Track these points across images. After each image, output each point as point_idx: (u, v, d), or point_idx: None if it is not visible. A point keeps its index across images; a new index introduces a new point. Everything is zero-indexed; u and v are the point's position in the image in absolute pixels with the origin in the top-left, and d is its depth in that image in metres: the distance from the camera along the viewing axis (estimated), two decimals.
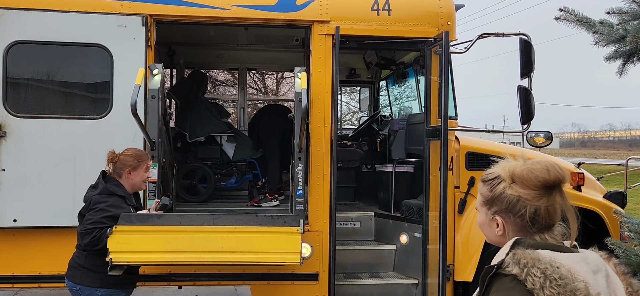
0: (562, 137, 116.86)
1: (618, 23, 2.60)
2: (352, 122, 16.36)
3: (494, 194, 1.50)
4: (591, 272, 1.32)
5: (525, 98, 4.66)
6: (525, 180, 1.43)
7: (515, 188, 1.45)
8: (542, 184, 1.42)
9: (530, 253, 1.32)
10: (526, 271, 1.29)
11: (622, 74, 2.83)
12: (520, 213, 1.44)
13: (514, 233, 1.47)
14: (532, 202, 1.43)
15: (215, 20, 4.74)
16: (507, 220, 1.48)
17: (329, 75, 4.74)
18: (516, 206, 1.45)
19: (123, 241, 3.20)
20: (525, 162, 1.47)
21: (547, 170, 1.42)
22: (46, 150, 4.38)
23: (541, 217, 1.43)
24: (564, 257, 1.33)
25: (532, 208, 1.43)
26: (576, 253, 1.39)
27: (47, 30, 4.41)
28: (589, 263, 1.35)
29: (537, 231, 1.44)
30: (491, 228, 1.53)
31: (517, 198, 1.44)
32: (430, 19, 4.85)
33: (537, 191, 1.43)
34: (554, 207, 1.44)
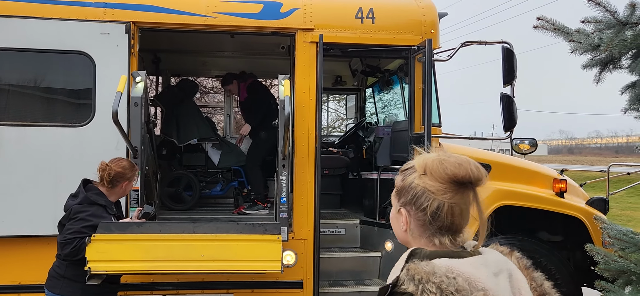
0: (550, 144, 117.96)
1: (593, 32, 2.64)
2: (341, 129, 16.37)
3: (404, 184, 1.41)
4: (492, 275, 1.24)
5: (507, 106, 4.70)
6: (434, 171, 1.34)
7: (424, 180, 1.35)
8: (450, 178, 1.32)
9: (424, 267, 1.22)
10: (421, 288, 1.18)
11: (599, 82, 2.87)
12: (423, 207, 1.35)
13: (416, 229, 1.38)
14: (437, 195, 1.33)
15: (199, 28, 4.73)
16: (411, 213, 1.38)
17: (313, 82, 4.75)
18: (421, 198, 1.35)
19: (101, 250, 3.17)
20: (442, 154, 1.37)
21: (458, 164, 1.33)
22: (27, 158, 4.34)
23: (443, 215, 1.33)
24: (462, 264, 1.24)
25: (435, 203, 1.33)
26: (476, 256, 1.30)
27: (29, 38, 4.37)
28: (489, 266, 1.27)
29: (438, 231, 1.35)
30: (398, 222, 1.44)
31: (423, 190, 1.35)
32: (413, 27, 4.88)
33: (443, 185, 1.33)
34: (459, 207, 1.33)
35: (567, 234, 5.28)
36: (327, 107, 13.44)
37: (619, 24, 2.48)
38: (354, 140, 7.20)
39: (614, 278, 3.10)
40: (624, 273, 3.01)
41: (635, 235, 3.14)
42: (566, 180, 5.25)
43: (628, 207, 17.31)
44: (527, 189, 5.12)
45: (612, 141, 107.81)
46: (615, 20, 2.49)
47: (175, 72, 7.72)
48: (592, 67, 2.80)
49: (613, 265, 2.98)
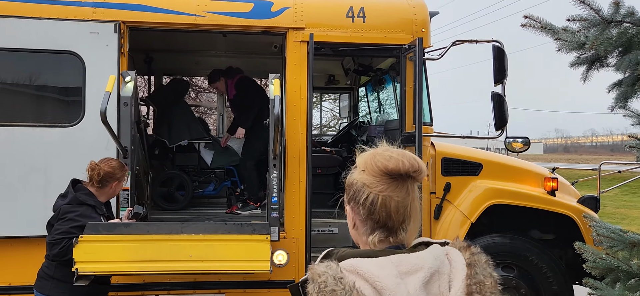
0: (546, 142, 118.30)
1: (579, 30, 2.64)
2: (335, 128, 16.37)
3: (348, 181, 1.43)
4: (397, 275, 1.23)
5: (498, 104, 4.71)
6: (368, 165, 1.36)
7: (362, 175, 1.37)
8: (381, 171, 1.33)
9: (319, 269, 1.23)
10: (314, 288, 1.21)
11: (585, 80, 2.87)
12: (361, 201, 1.35)
13: (360, 226, 1.39)
14: (371, 188, 1.34)
15: (189, 27, 4.71)
16: (354, 210, 1.39)
17: (304, 81, 4.74)
18: (359, 192, 1.36)
19: (89, 251, 3.15)
20: (377, 150, 1.38)
21: (389, 158, 1.33)
22: (16, 159, 4.32)
23: (377, 209, 1.33)
24: (368, 263, 1.25)
25: (370, 197, 1.34)
26: (392, 255, 1.28)
27: (17, 37, 4.35)
28: (399, 265, 1.25)
29: (374, 227, 1.35)
30: (348, 219, 1.44)
31: (362, 184, 1.36)
32: (404, 26, 4.88)
33: (375, 177, 1.34)
34: (393, 200, 1.33)
35: (559, 232, 5.29)
36: (320, 106, 13.44)
37: (604, 22, 2.48)
38: (347, 139, 7.20)
39: (602, 275, 3.10)
40: (612, 270, 3.01)
41: (623, 233, 3.15)
42: (557, 179, 5.26)
43: (623, 204, 17.39)
44: (518, 188, 5.13)
45: (608, 139, 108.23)
46: (600, 18, 2.50)
47: (167, 71, 7.70)
48: (579, 65, 2.80)
49: (601, 263, 2.99)
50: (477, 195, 4.98)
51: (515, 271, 4.95)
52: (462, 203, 4.98)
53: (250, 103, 6.09)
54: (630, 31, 2.46)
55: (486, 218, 5.08)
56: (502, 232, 5.04)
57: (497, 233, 4.99)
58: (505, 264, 4.96)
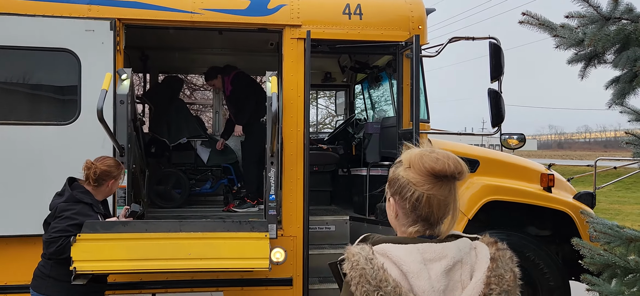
0: (540, 139, 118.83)
1: (577, 26, 2.65)
2: (331, 125, 16.38)
3: (393, 176, 1.54)
4: (421, 261, 1.37)
5: (495, 101, 4.72)
6: (415, 165, 1.47)
7: (408, 172, 1.48)
8: (428, 171, 1.44)
9: (354, 250, 1.40)
10: (348, 266, 1.38)
11: (583, 77, 2.88)
12: (406, 197, 1.47)
13: (402, 217, 1.51)
14: (417, 187, 1.45)
15: (185, 25, 4.70)
16: (398, 203, 1.51)
17: (301, 79, 4.74)
18: (405, 189, 1.48)
19: (87, 249, 3.14)
20: (424, 149, 1.50)
21: (436, 159, 1.45)
22: (12, 157, 4.28)
23: (422, 205, 1.45)
24: (398, 248, 1.40)
25: (415, 194, 1.45)
26: (421, 243, 1.42)
27: (12, 35, 4.31)
28: (425, 253, 1.39)
29: (417, 220, 1.47)
30: (389, 209, 1.57)
31: (407, 181, 1.47)
32: (401, 23, 4.88)
33: (422, 177, 1.45)
34: (438, 199, 1.45)
35: (555, 228, 5.32)
36: (316, 104, 13.44)
37: (602, 18, 2.49)
38: (344, 137, 7.19)
39: (600, 271, 3.12)
40: (609, 266, 3.03)
41: (620, 229, 3.16)
42: (554, 175, 5.28)
43: (616, 200, 17.51)
44: (515, 184, 5.14)
45: (601, 136, 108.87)
46: (598, 15, 2.51)
47: (163, 69, 7.67)
48: (577, 62, 2.81)
49: (598, 259, 3.00)
50: (474, 191, 5.00)
51: None
52: (459, 200, 4.98)
53: (245, 98, 6.06)
54: (628, 28, 2.47)
55: (483, 215, 5.10)
56: (498, 229, 5.05)
57: (494, 230, 5.01)
58: None
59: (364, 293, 1.33)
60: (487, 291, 1.38)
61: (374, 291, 1.32)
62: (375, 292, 1.32)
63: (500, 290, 1.38)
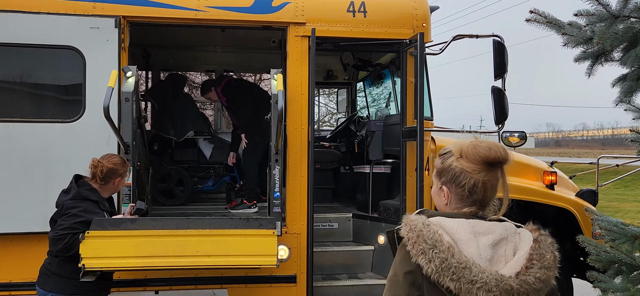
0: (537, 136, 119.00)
1: (586, 25, 2.66)
2: (331, 123, 16.38)
3: (444, 166, 1.69)
4: (471, 233, 1.55)
5: (498, 99, 4.73)
6: (469, 155, 1.63)
7: (461, 162, 1.64)
8: (483, 160, 1.60)
9: (412, 217, 1.59)
10: (405, 231, 1.57)
11: (590, 75, 2.89)
12: (462, 184, 1.63)
13: (455, 203, 1.67)
14: (473, 174, 1.61)
15: (190, 22, 4.69)
16: (451, 190, 1.66)
17: (306, 76, 4.74)
18: (459, 177, 1.63)
19: (96, 246, 3.14)
20: (474, 141, 1.66)
21: (489, 148, 1.61)
22: (17, 155, 4.28)
23: (478, 190, 1.62)
24: (450, 221, 1.58)
25: (471, 181, 1.62)
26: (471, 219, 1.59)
27: (17, 32, 4.30)
28: (475, 227, 1.57)
29: (472, 204, 1.64)
30: (440, 197, 1.72)
31: (461, 170, 1.63)
32: (405, 21, 4.89)
33: (478, 165, 1.61)
34: (491, 183, 1.63)
35: (558, 226, 5.34)
36: (318, 102, 13.45)
37: (611, 17, 2.50)
38: (346, 134, 7.21)
39: (605, 268, 3.13)
40: (615, 263, 3.04)
41: (625, 226, 3.18)
42: (556, 173, 5.30)
43: (615, 198, 17.56)
44: (517, 181, 5.16)
45: (598, 133, 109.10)
46: (607, 13, 2.52)
47: (165, 67, 7.67)
48: (584, 59, 2.82)
49: (604, 256, 3.01)
50: None
51: None
52: None
53: (242, 105, 6.00)
54: (636, 26, 2.47)
55: None
56: None
57: None
58: None
59: (420, 250, 1.50)
60: (529, 264, 1.53)
61: (430, 249, 1.49)
62: (430, 250, 1.49)
63: (541, 265, 1.53)
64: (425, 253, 1.50)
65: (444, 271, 1.47)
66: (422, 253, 1.51)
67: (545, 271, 1.52)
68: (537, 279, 1.50)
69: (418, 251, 1.51)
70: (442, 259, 1.48)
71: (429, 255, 1.50)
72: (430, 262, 1.49)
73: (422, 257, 1.50)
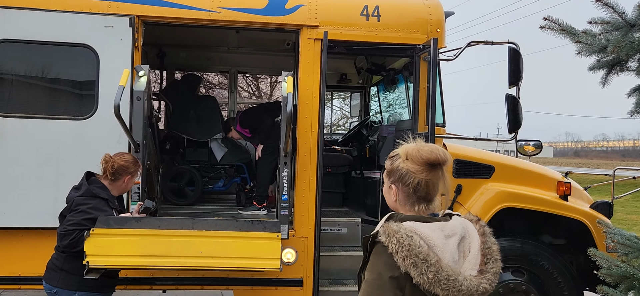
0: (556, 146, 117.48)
1: (600, 33, 2.59)
2: (345, 127, 16.34)
3: (392, 167, 1.90)
4: (444, 237, 1.73)
5: (513, 107, 4.67)
6: (413, 157, 1.83)
7: (407, 164, 1.85)
8: (425, 161, 1.81)
9: (393, 226, 1.73)
10: (389, 239, 1.70)
11: (605, 84, 2.82)
12: (407, 183, 1.84)
13: (402, 199, 1.88)
14: (417, 174, 1.82)
15: (203, 23, 4.71)
16: (399, 188, 1.87)
17: (317, 80, 4.72)
18: (405, 177, 1.84)
19: (100, 244, 3.16)
20: (418, 144, 1.85)
21: (431, 151, 1.82)
22: (29, 150, 4.34)
23: (422, 188, 1.82)
24: (422, 226, 1.74)
25: (416, 180, 1.82)
26: (437, 222, 1.78)
27: (33, 29, 4.36)
28: (444, 230, 1.75)
29: (418, 200, 1.85)
30: (389, 194, 1.93)
31: (407, 170, 1.84)
32: (419, 26, 4.84)
33: (421, 166, 1.82)
34: (433, 182, 1.83)
35: (571, 237, 5.24)
36: (331, 105, 13.43)
37: (627, 25, 2.43)
38: (358, 139, 7.17)
39: (617, 283, 3.05)
40: (627, 278, 2.96)
41: (638, 240, 3.10)
42: (570, 183, 5.20)
43: (634, 210, 17.18)
44: (530, 191, 5.07)
45: (619, 144, 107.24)
46: (623, 21, 2.45)
47: (179, 67, 7.71)
48: (599, 68, 2.75)
49: (615, 270, 2.94)
50: (488, 197, 4.94)
51: (526, 276, 4.91)
52: (473, 206, 4.94)
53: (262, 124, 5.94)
54: None
55: (497, 222, 5.04)
56: (512, 236, 4.99)
57: (508, 237, 4.95)
58: (515, 268, 4.91)
59: (412, 263, 1.65)
60: (485, 260, 1.78)
61: (422, 263, 1.64)
62: (423, 264, 1.64)
63: (492, 259, 1.78)
64: (417, 266, 1.65)
65: (436, 283, 1.64)
66: (413, 266, 1.65)
67: (496, 263, 1.79)
68: (494, 274, 1.76)
69: (409, 264, 1.65)
70: (434, 273, 1.64)
71: (421, 268, 1.65)
72: (422, 275, 1.64)
73: (414, 270, 1.65)
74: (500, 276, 4.96)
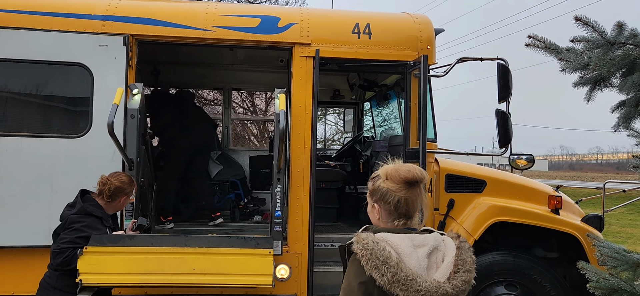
0: (551, 159, 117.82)
1: (582, 51, 2.66)
2: (339, 142, 16.39)
3: (374, 187, 2.00)
4: (412, 246, 1.82)
5: (503, 122, 4.71)
6: (393, 177, 1.94)
7: (387, 183, 1.95)
8: (404, 180, 1.92)
9: (363, 234, 1.84)
10: (357, 247, 1.81)
11: (589, 100, 2.88)
12: (388, 201, 1.93)
13: (385, 217, 1.96)
14: (397, 193, 1.92)
15: (197, 41, 4.77)
16: (381, 206, 1.96)
17: (310, 96, 4.77)
18: (386, 196, 1.94)
19: (93, 262, 3.17)
20: (396, 164, 1.97)
21: (408, 170, 1.93)
22: (23, 169, 4.35)
23: (402, 205, 1.92)
24: (393, 236, 1.84)
25: (396, 198, 1.92)
26: (408, 233, 1.87)
27: (27, 49, 4.41)
28: (413, 240, 1.84)
29: (398, 217, 1.94)
30: (373, 213, 2.02)
31: (387, 190, 1.94)
32: (410, 43, 4.92)
33: (400, 185, 1.92)
34: (412, 199, 1.93)
35: (563, 251, 5.26)
36: (324, 120, 13.49)
37: (607, 43, 2.50)
38: (351, 154, 7.21)
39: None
40: (616, 291, 2.98)
41: (627, 253, 3.13)
42: (561, 197, 5.24)
43: (628, 224, 17.24)
44: (522, 205, 5.11)
45: (613, 157, 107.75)
46: (603, 40, 2.52)
47: (174, 84, 7.75)
48: (583, 85, 2.82)
49: (604, 283, 2.96)
50: (480, 212, 4.98)
51: (518, 290, 4.92)
52: (465, 220, 4.97)
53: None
54: (633, 53, 2.47)
55: (490, 236, 5.07)
56: (505, 250, 5.02)
57: (501, 251, 4.98)
58: (508, 282, 4.93)
59: (374, 265, 1.75)
60: (455, 270, 1.83)
61: (382, 265, 1.74)
62: (383, 266, 1.74)
63: (464, 269, 1.84)
64: (378, 268, 1.75)
65: (395, 283, 1.74)
66: (375, 268, 1.75)
67: (468, 273, 1.84)
68: (463, 282, 1.81)
69: (372, 266, 1.76)
70: (393, 273, 1.74)
71: (381, 270, 1.75)
72: (383, 276, 1.75)
73: (376, 271, 1.75)
74: (493, 291, 5.02)
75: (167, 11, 4.73)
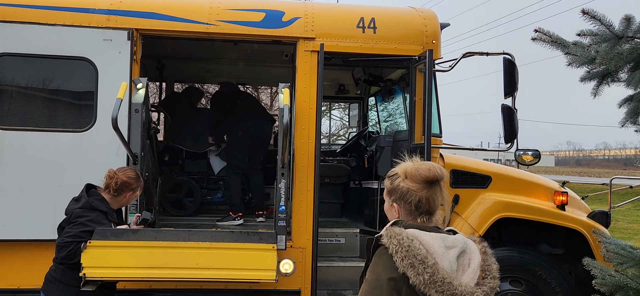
0: (558, 155, 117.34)
1: (589, 45, 2.62)
2: (344, 137, 16.36)
3: (393, 186, 1.98)
4: (444, 247, 1.80)
5: (508, 117, 4.69)
6: (413, 176, 1.92)
7: (407, 182, 1.94)
8: (424, 179, 1.90)
9: (395, 229, 1.82)
10: (390, 241, 1.79)
11: (596, 95, 2.85)
12: (409, 201, 1.92)
13: (404, 216, 1.95)
14: (417, 192, 1.91)
15: (201, 36, 4.76)
16: (401, 206, 1.96)
17: (314, 91, 4.76)
18: (406, 195, 1.93)
19: (97, 256, 3.18)
20: (415, 163, 1.96)
21: (428, 170, 1.92)
22: (28, 163, 4.37)
23: (423, 204, 1.91)
24: (423, 234, 1.82)
25: (416, 198, 1.91)
26: (439, 233, 1.86)
27: (32, 43, 4.42)
28: (445, 241, 1.82)
29: (419, 215, 1.92)
30: (391, 212, 2.01)
31: (407, 189, 1.93)
32: (415, 38, 4.88)
33: (420, 184, 1.91)
34: (433, 198, 1.92)
35: (569, 247, 5.23)
36: (329, 115, 13.47)
37: (615, 37, 2.46)
38: (356, 149, 7.19)
39: (611, 292, 3.06)
40: (621, 288, 2.97)
41: (633, 250, 3.11)
42: (567, 193, 5.20)
43: (635, 220, 17.13)
44: (527, 201, 5.08)
45: (621, 153, 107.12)
46: (611, 33, 2.48)
47: (178, 79, 7.76)
48: (590, 79, 2.79)
49: (609, 280, 2.95)
50: (485, 207, 4.95)
51: (523, 286, 4.90)
52: (470, 216, 4.95)
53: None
54: None
55: (495, 231, 5.04)
56: (510, 246, 4.99)
57: (506, 247, 4.95)
58: (513, 278, 4.91)
59: (409, 264, 1.73)
60: (482, 275, 1.83)
61: (419, 264, 1.72)
62: (420, 265, 1.72)
63: (492, 276, 1.84)
64: (414, 266, 1.72)
65: (432, 285, 1.72)
66: (411, 266, 1.73)
67: (495, 280, 1.84)
68: (491, 288, 1.82)
69: (407, 264, 1.73)
70: (430, 274, 1.72)
71: (418, 269, 1.72)
72: (419, 275, 1.72)
73: (411, 270, 1.73)
74: (499, 287, 5.00)
75: (171, 5, 4.72)
